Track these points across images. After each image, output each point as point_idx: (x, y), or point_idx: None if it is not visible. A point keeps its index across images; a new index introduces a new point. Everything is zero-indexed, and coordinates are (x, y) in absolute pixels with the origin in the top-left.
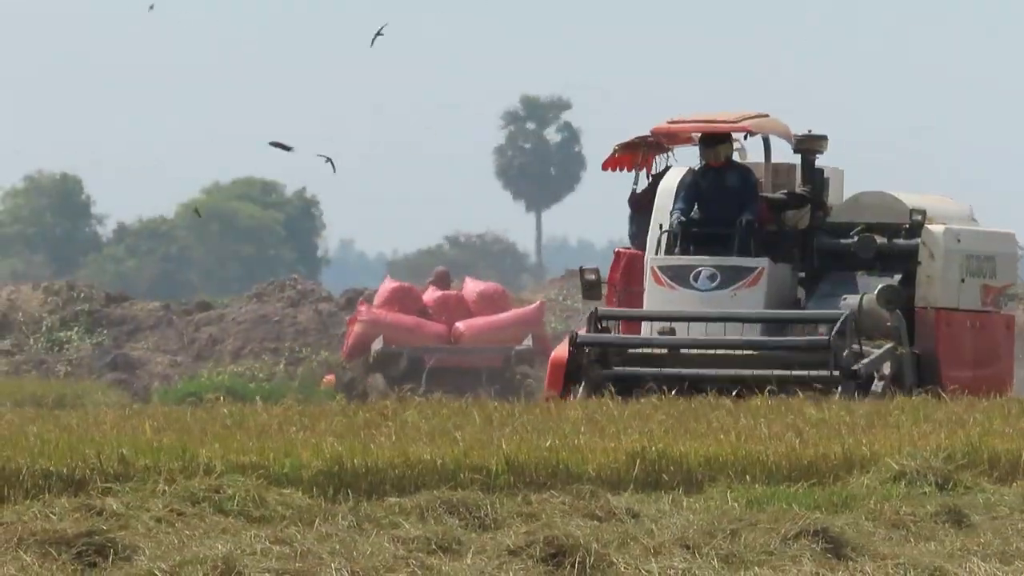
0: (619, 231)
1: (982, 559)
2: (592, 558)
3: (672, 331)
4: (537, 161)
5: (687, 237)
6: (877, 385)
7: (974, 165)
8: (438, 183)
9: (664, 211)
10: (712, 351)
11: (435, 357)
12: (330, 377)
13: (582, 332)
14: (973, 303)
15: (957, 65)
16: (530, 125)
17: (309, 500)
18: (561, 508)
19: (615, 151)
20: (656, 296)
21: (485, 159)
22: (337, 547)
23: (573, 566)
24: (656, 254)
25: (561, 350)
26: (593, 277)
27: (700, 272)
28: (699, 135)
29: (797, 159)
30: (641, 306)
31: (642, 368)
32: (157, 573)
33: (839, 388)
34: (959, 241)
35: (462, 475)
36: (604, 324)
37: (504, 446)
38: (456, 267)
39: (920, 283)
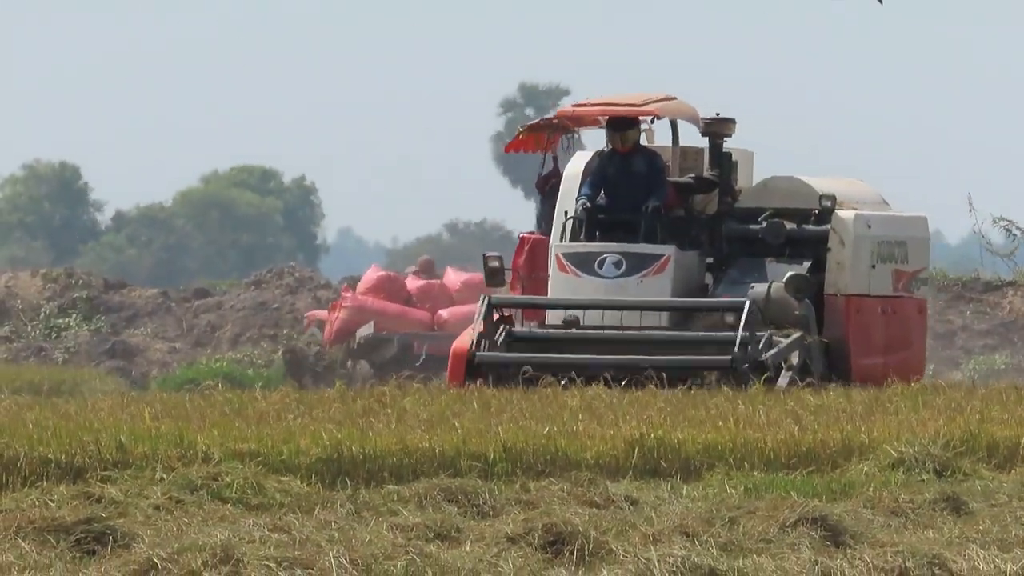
0: None
1: (981, 546)
2: (591, 545)
3: (576, 320)
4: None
5: (592, 223)
6: (784, 376)
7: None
8: (437, 171)
9: (569, 196)
10: (614, 333)
11: (427, 344)
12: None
13: (479, 321)
14: (884, 289)
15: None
16: (528, 112)
17: (307, 487)
18: (560, 495)
19: (519, 133)
20: (560, 283)
21: (483, 147)
22: (336, 535)
23: (572, 553)
24: (561, 240)
25: (462, 340)
26: (496, 264)
27: (605, 259)
28: (605, 119)
29: (705, 143)
30: (546, 293)
31: (540, 355)
32: (156, 560)
33: (746, 380)
34: (869, 227)
35: (460, 463)
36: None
37: (502, 433)
38: (454, 255)
39: (830, 270)
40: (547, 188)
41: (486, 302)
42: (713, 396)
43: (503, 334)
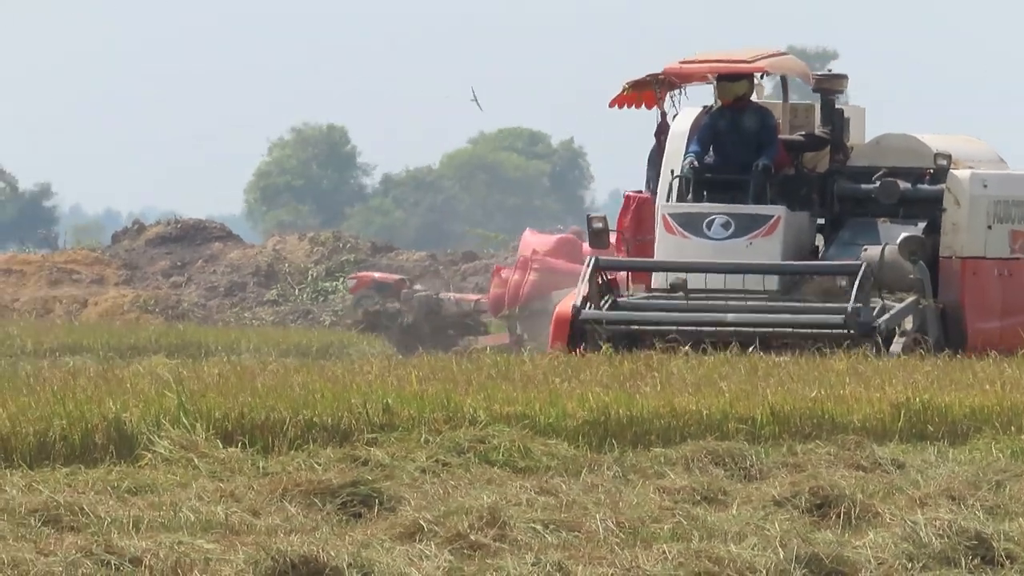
0: None
1: None
2: (857, 508)
3: (684, 284)
4: None
5: (700, 183)
6: (898, 343)
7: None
8: None
9: (676, 155)
10: (724, 300)
11: None
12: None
13: (584, 283)
14: (1001, 250)
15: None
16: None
17: (574, 450)
18: (826, 458)
19: (625, 88)
20: (667, 245)
21: None
22: (602, 497)
23: (838, 516)
24: (668, 200)
25: (566, 304)
26: (600, 225)
27: (714, 220)
28: (714, 75)
29: (817, 99)
30: (651, 255)
31: (650, 314)
32: (423, 523)
33: (858, 345)
34: (986, 186)
35: (727, 425)
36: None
37: (769, 396)
38: None
39: (945, 231)
40: (653, 146)
41: (592, 263)
42: (979, 360)
43: (608, 303)
